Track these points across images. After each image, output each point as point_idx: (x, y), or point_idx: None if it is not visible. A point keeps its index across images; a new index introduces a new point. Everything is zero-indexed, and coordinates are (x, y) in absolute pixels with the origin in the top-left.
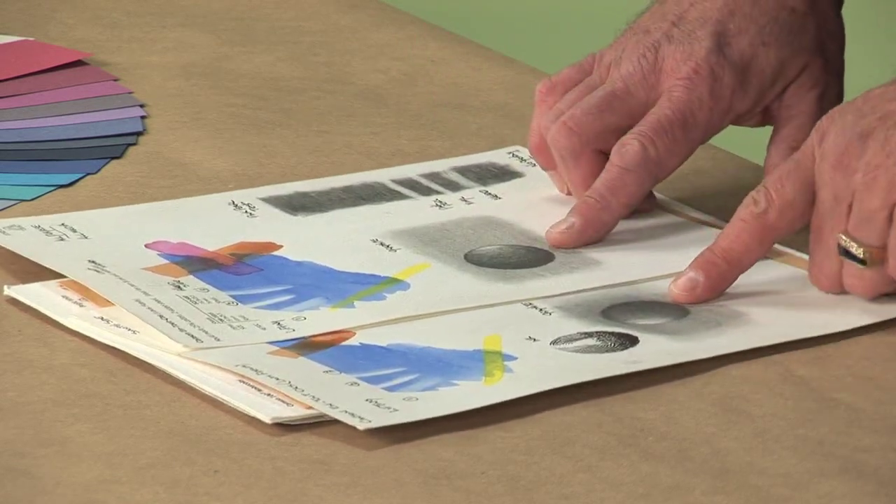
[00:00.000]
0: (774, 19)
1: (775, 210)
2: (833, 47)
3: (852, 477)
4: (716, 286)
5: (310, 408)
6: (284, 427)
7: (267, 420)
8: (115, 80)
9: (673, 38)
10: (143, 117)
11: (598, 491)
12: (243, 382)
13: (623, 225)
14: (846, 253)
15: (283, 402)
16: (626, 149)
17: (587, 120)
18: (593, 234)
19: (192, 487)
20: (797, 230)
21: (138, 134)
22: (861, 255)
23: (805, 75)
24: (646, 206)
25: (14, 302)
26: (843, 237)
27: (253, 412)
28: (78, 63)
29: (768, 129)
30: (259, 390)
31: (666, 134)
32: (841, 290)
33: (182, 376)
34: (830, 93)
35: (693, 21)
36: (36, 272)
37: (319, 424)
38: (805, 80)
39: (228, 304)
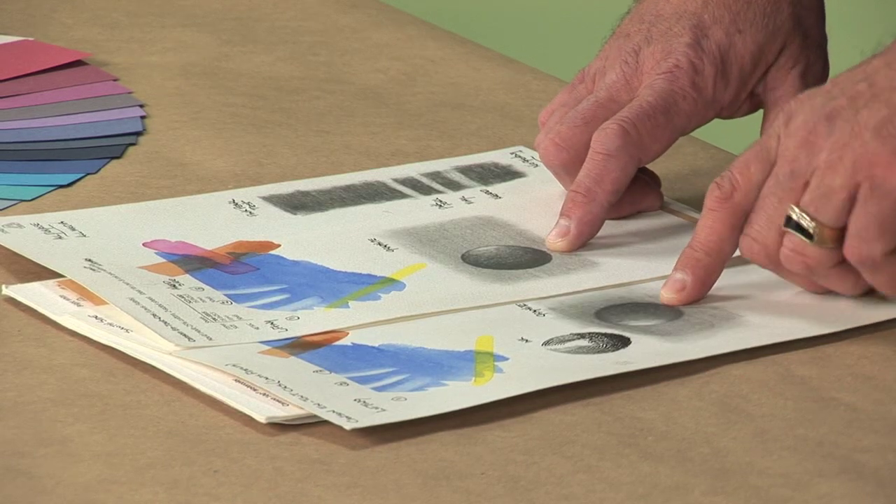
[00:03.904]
0: (748, 4)
1: (741, 192)
2: (811, 21)
3: (852, 477)
4: (704, 281)
5: (302, 407)
6: (284, 427)
7: (262, 420)
8: (115, 80)
9: (652, 38)
10: (142, 117)
11: (597, 491)
12: (239, 382)
13: (623, 226)
14: (795, 225)
15: (278, 401)
16: (607, 133)
17: (573, 133)
18: (588, 230)
19: (191, 487)
20: None
21: (138, 134)
22: (811, 230)
23: (784, 56)
24: (653, 204)
25: (14, 302)
26: (796, 209)
27: (248, 412)
28: (78, 63)
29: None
30: (255, 390)
31: (648, 118)
32: (769, 263)
33: (177, 375)
34: (814, 68)
35: (669, 17)
36: (37, 272)
37: (319, 424)
38: (784, 60)
39: (223, 303)
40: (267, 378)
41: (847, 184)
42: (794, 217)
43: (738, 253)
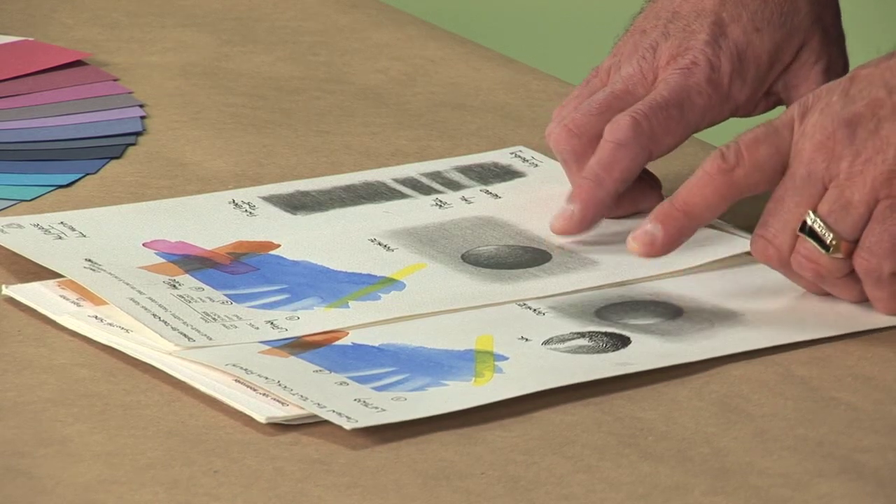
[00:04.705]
0: (765, 2)
1: (744, 168)
2: (829, 17)
3: (852, 477)
4: (673, 239)
5: (302, 407)
6: (284, 427)
7: (262, 420)
8: (115, 80)
9: (669, 34)
10: (142, 117)
11: (597, 491)
12: (239, 382)
13: (623, 226)
14: (810, 232)
15: (278, 401)
16: (619, 123)
17: (587, 121)
18: (593, 214)
19: (191, 487)
20: (758, 193)
21: (138, 134)
22: (828, 241)
23: (805, 53)
24: (653, 204)
25: (14, 302)
26: (813, 215)
27: (248, 412)
28: (78, 63)
29: None
30: (255, 390)
31: (661, 111)
32: (780, 266)
33: (177, 375)
34: (836, 64)
35: (687, 15)
36: (36, 272)
37: (319, 424)
38: (807, 57)
39: (223, 303)
40: (267, 378)
41: (867, 199)
42: (810, 223)
43: (745, 250)
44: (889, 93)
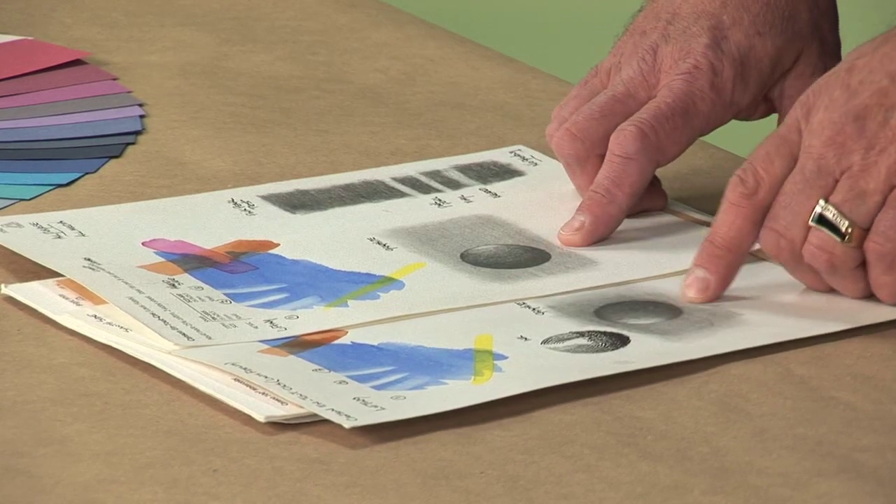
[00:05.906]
0: (766, 6)
1: (765, 188)
2: (827, 26)
3: (851, 476)
4: (726, 278)
5: (301, 406)
6: (283, 426)
7: (261, 419)
8: (114, 80)
9: (669, 37)
10: (141, 116)
11: (596, 491)
12: (239, 381)
13: (622, 225)
14: (822, 219)
15: (277, 400)
16: (625, 135)
17: (590, 125)
18: (604, 229)
19: (190, 487)
20: None
21: (137, 133)
22: (843, 228)
23: (802, 63)
24: (657, 203)
25: (13, 301)
26: (825, 203)
27: (247, 411)
28: (77, 62)
29: (766, 129)
30: (254, 389)
31: (666, 120)
32: (791, 259)
33: (177, 374)
34: None
35: (687, 17)
36: (36, 271)
37: (318, 423)
38: (803, 68)
39: (222, 302)
40: (266, 377)
41: (882, 188)
42: (820, 210)
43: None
44: (892, 81)
